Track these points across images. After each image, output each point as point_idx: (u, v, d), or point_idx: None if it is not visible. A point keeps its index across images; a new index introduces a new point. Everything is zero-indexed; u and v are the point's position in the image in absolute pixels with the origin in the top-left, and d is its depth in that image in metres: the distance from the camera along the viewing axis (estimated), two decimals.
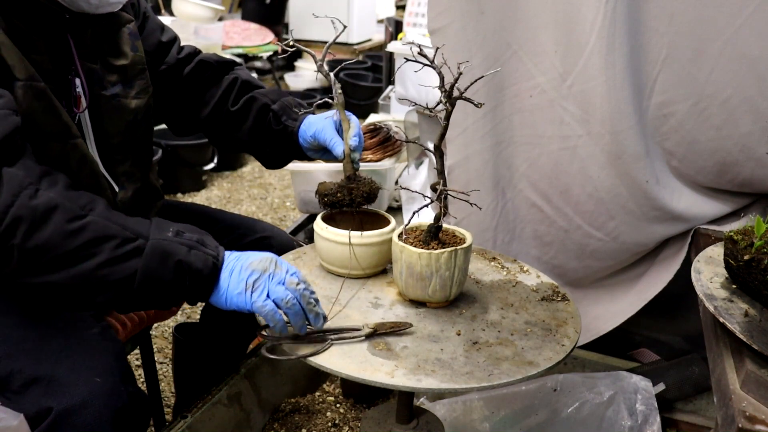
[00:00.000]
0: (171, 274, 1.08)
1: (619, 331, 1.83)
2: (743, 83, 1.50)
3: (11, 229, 1.01)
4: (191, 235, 1.13)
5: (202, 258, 1.10)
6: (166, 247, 1.08)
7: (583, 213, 1.71)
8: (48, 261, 1.04)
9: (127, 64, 1.38)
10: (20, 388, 1.12)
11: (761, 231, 1.11)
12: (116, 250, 1.06)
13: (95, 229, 1.05)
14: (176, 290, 1.10)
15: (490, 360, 1.10)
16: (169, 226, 1.13)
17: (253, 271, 1.11)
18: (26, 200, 1.02)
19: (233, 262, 1.13)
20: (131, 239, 1.07)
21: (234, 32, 5.12)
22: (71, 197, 1.07)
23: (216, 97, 1.55)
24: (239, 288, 1.11)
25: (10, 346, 1.15)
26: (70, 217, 1.04)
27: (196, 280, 1.10)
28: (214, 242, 1.16)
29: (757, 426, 0.93)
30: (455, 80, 1.17)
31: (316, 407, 1.96)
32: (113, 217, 1.09)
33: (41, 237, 1.02)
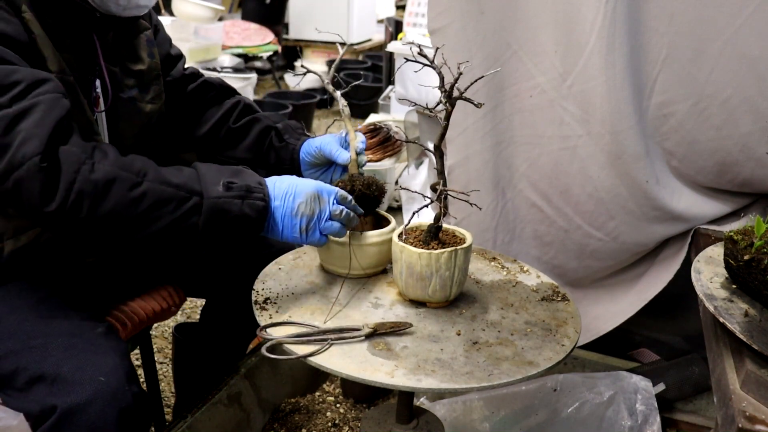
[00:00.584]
0: (229, 225, 1.16)
1: (619, 331, 1.83)
2: (743, 83, 1.50)
3: (77, 204, 1.06)
4: (240, 183, 1.17)
5: (254, 207, 1.17)
6: (222, 205, 1.14)
7: (583, 213, 1.71)
8: (116, 228, 1.10)
9: (144, 69, 1.41)
10: (24, 386, 1.12)
11: (761, 231, 1.11)
12: (176, 212, 1.12)
13: (153, 194, 1.11)
14: (233, 236, 1.18)
15: (490, 360, 1.10)
16: (218, 177, 1.17)
17: (302, 217, 1.19)
18: (87, 175, 1.07)
19: (282, 204, 1.20)
20: (186, 198, 1.13)
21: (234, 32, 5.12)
22: (125, 165, 1.11)
23: (215, 117, 1.57)
24: (295, 232, 1.20)
25: (15, 343, 1.16)
26: (128, 186, 1.10)
27: (250, 225, 1.18)
28: (255, 179, 1.21)
29: (757, 426, 0.93)
30: (455, 80, 1.17)
31: (316, 407, 1.96)
32: (165, 177, 1.14)
33: (105, 208, 1.08)
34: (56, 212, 1.06)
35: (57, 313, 1.23)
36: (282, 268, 1.37)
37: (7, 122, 1.05)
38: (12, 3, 1.16)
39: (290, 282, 1.32)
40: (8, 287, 1.26)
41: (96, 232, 1.10)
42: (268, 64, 5.42)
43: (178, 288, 1.59)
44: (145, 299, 1.51)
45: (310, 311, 1.21)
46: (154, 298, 1.53)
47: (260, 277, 1.33)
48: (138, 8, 1.29)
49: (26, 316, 1.21)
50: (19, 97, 1.07)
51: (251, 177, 1.20)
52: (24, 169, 1.03)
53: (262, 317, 1.19)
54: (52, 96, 1.10)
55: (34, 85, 1.09)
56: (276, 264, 1.39)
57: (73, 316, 1.24)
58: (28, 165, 1.03)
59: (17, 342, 1.16)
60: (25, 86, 1.08)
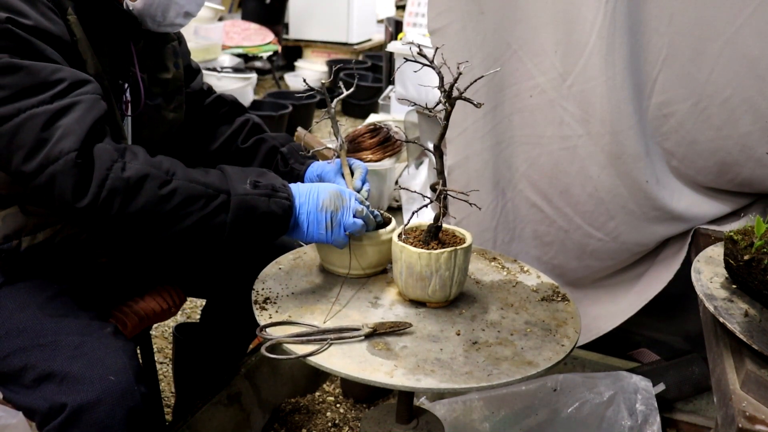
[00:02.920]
0: (256, 223, 1.19)
1: (619, 331, 1.83)
2: (743, 83, 1.50)
3: (108, 201, 1.08)
4: (265, 182, 1.21)
5: (280, 204, 1.20)
6: (249, 201, 1.17)
7: (583, 213, 1.71)
8: (146, 225, 1.12)
9: (169, 79, 1.44)
10: (33, 383, 1.13)
11: (761, 231, 1.11)
12: (204, 209, 1.14)
13: (182, 192, 1.13)
14: (260, 235, 1.21)
15: (490, 360, 1.10)
16: (243, 176, 1.20)
17: (327, 212, 1.22)
18: (119, 173, 1.09)
19: (306, 201, 1.23)
20: (214, 196, 1.15)
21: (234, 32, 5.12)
22: (155, 164, 1.14)
23: (226, 134, 1.58)
24: (320, 229, 1.23)
25: (24, 340, 1.17)
26: (159, 183, 1.12)
27: (277, 223, 1.21)
28: (279, 180, 1.24)
29: (757, 426, 0.93)
30: (455, 80, 1.17)
31: (316, 407, 1.96)
32: (193, 176, 1.16)
33: (136, 205, 1.10)
34: (87, 208, 1.08)
35: (66, 311, 1.24)
36: (282, 268, 1.37)
37: (47, 118, 1.08)
38: (59, 4, 1.19)
39: (290, 282, 1.32)
40: (18, 285, 1.27)
41: (126, 229, 1.12)
42: (268, 64, 5.42)
43: (178, 288, 1.59)
44: (146, 299, 1.51)
45: (309, 311, 1.21)
46: (154, 298, 1.53)
47: (260, 277, 1.33)
48: (173, 26, 1.35)
49: (35, 314, 1.22)
50: (60, 95, 1.10)
51: (275, 178, 1.24)
52: (60, 164, 1.06)
53: (262, 317, 1.19)
54: (92, 97, 1.13)
55: (76, 85, 1.12)
56: (276, 264, 1.39)
57: (82, 316, 1.25)
58: (64, 160, 1.06)
59: (26, 339, 1.17)
60: (67, 85, 1.11)
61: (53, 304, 1.25)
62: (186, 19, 1.35)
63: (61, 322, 1.21)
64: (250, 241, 1.22)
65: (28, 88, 1.09)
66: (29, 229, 1.27)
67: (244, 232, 1.19)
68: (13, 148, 1.08)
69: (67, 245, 1.31)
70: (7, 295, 1.25)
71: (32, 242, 1.27)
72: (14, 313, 1.22)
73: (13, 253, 1.26)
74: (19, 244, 1.26)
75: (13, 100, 1.08)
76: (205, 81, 1.65)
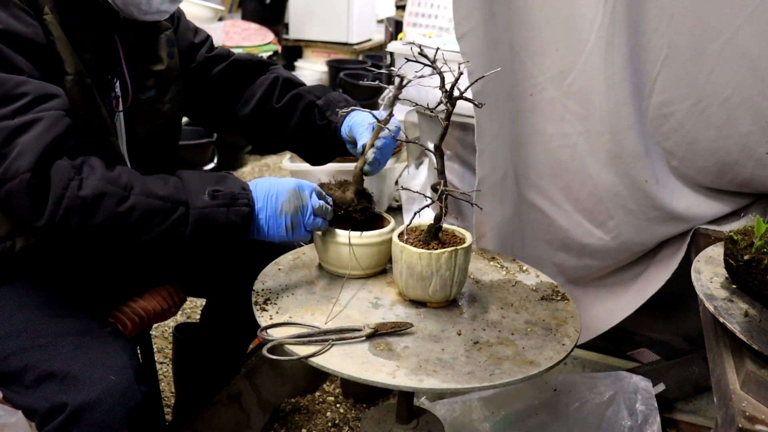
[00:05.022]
0: (215, 233, 1.19)
1: (619, 331, 1.83)
2: (743, 83, 1.50)
3: (65, 219, 1.08)
4: (224, 191, 1.19)
5: (239, 213, 1.19)
6: (208, 215, 1.17)
7: (583, 211, 1.71)
8: (106, 240, 1.13)
9: (163, 70, 1.41)
10: (33, 383, 1.13)
11: (761, 231, 1.11)
12: (163, 224, 1.14)
13: (141, 208, 1.13)
14: (221, 243, 1.21)
15: (492, 360, 1.10)
16: (202, 186, 1.19)
17: (287, 216, 1.22)
18: (75, 191, 1.08)
19: (265, 207, 1.22)
20: (173, 209, 1.15)
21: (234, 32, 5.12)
22: (112, 180, 1.13)
23: (257, 95, 1.55)
24: (281, 232, 1.22)
25: (24, 341, 1.17)
26: (116, 200, 1.11)
27: (237, 232, 1.20)
28: (239, 185, 1.23)
29: (757, 426, 0.93)
30: (455, 80, 1.17)
31: (316, 407, 1.96)
32: (151, 190, 1.15)
33: (94, 223, 1.10)
34: (45, 227, 1.08)
35: (65, 311, 1.24)
36: (282, 269, 1.37)
37: (7, 134, 1.07)
38: (34, 5, 1.17)
39: (290, 282, 1.32)
40: (15, 285, 1.27)
41: (86, 244, 1.13)
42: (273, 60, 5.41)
43: (178, 288, 1.59)
44: (146, 299, 1.51)
45: (310, 312, 1.21)
46: (154, 298, 1.53)
47: (260, 278, 1.33)
48: (159, 13, 1.30)
49: (34, 314, 1.22)
50: (22, 110, 1.08)
51: (235, 183, 1.23)
52: (15, 183, 1.06)
53: (263, 318, 1.19)
54: (56, 113, 1.11)
55: (39, 100, 1.10)
56: (275, 264, 1.39)
57: (81, 315, 1.25)
58: (19, 179, 1.06)
59: (26, 340, 1.17)
60: (30, 99, 1.09)
61: (52, 304, 1.25)
62: (173, 5, 1.31)
63: (60, 322, 1.21)
64: (212, 249, 1.22)
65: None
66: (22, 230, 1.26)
67: (205, 243, 1.19)
68: None
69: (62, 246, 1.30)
70: (6, 295, 1.25)
71: (26, 243, 1.27)
72: (13, 314, 1.22)
73: (7, 254, 1.26)
74: (13, 245, 1.26)
75: None
76: (218, 46, 1.59)
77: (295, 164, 3.00)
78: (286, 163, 3.08)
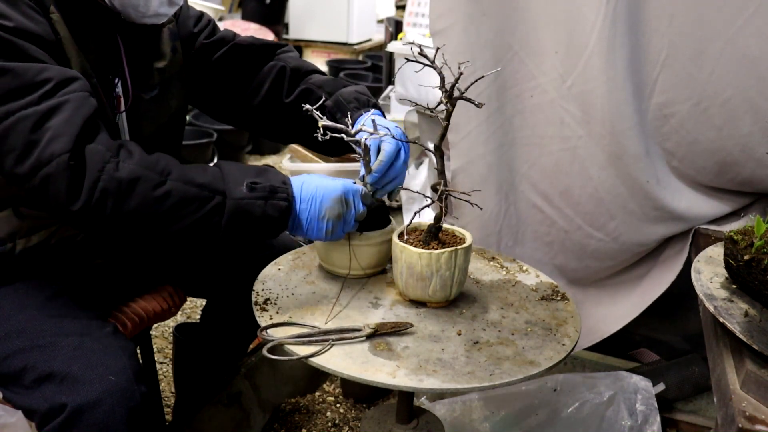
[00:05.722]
0: (251, 226, 1.17)
1: (619, 331, 1.82)
2: (744, 83, 1.50)
3: (101, 202, 1.08)
4: (263, 183, 1.18)
5: (276, 207, 1.18)
6: (244, 206, 1.15)
7: (583, 213, 1.71)
8: (139, 226, 1.12)
9: (166, 66, 1.40)
10: (32, 384, 1.13)
11: (761, 231, 1.11)
12: (198, 212, 1.13)
13: (177, 194, 1.12)
14: (256, 235, 1.20)
15: (492, 360, 1.10)
16: (241, 177, 1.18)
17: (329, 221, 1.21)
18: (111, 173, 1.08)
19: (308, 208, 1.20)
20: (209, 198, 1.14)
21: None
22: (149, 165, 1.12)
23: (266, 85, 1.50)
24: (320, 234, 1.22)
25: (24, 341, 1.17)
26: (152, 185, 1.10)
27: (272, 226, 1.19)
28: (280, 179, 1.21)
29: (757, 426, 0.93)
30: (455, 80, 1.17)
31: (316, 407, 1.96)
32: (189, 177, 1.14)
33: (129, 206, 1.09)
34: (81, 210, 1.07)
35: (65, 312, 1.24)
36: (281, 269, 1.37)
37: (36, 119, 1.07)
38: (41, 3, 1.17)
39: (290, 282, 1.32)
40: (16, 286, 1.27)
41: (120, 230, 1.12)
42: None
43: (178, 288, 1.59)
44: (146, 299, 1.51)
45: (310, 312, 1.21)
46: (154, 299, 1.53)
47: (260, 278, 1.33)
48: (157, 17, 1.29)
49: (34, 315, 1.22)
50: (48, 95, 1.09)
51: (275, 176, 1.21)
52: (52, 166, 1.05)
53: (263, 318, 1.19)
54: (81, 94, 1.12)
55: (63, 84, 1.11)
56: (275, 265, 1.39)
57: (81, 316, 1.25)
58: (56, 162, 1.05)
59: (26, 340, 1.17)
60: (54, 84, 1.10)
61: (52, 304, 1.25)
62: (171, 8, 1.29)
63: (60, 323, 1.21)
64: (246, 241, 1.22)
65: (14, 90, 1.07)
66: (23, 232, 1.26)
67: (239, 235, 1.18)
68: (4, 150, 1.08)
69: (63, 247, 1.30)
70: (6, 296, 1.25)
71: (27, 245, 1.27)
72: (13, 315, 1.22)
73: (8, 255, 1.26)
74: (13, 247, 1.26)
75: (2, 103, 1.07)
76: (222, 30, 1.55)
77: (295, 164, 3.00)
78: (286, 163, 3.08)
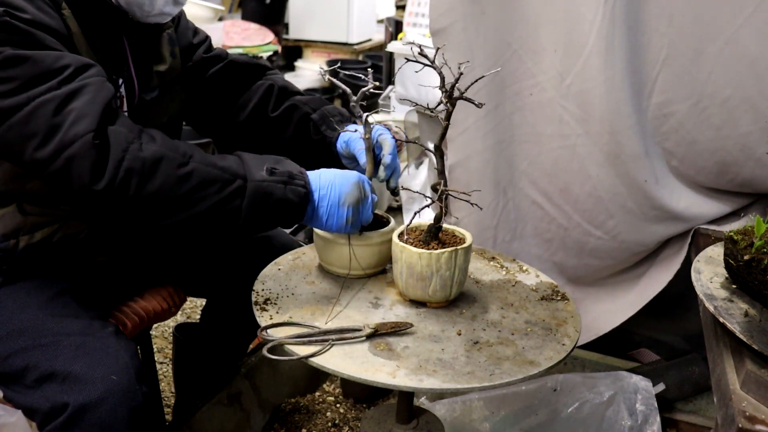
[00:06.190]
0: (272, 209, 1.19)
1: (619, 331, 1.83)
2: (743, 83, 1.50)
3: (125, 181, 1.08)
4: (282, 170, 1.21)
5: (296, 192, 1.20)
6: (265, 188, 1.17)
7: (582, 211, 1.72)
8: (161, 207, 1.12)
9: (166, 70, 1.42)
10: (34, 383, 1.13)
11: (761, 231, 1.11)
12: (220, 193, 1.14)
13: (199, 175, 1.14)
14: (275, 222, 1.22)
15: (491, 360, 1.10)
16: (260, 163, 1.20)
17: (349, 207, 1.23)
18: (135, 153, 1.09)
19: (327, 195, 1.23)
20: (230, 181, 1.16)
21: (234, 32, 5.12)
22: (172, 147, 1.14)
23: (253, 101, 1.55)
24: (340, 222, 1.23)
25: (26, 341, 1.17)
26: (176, 164, 1.12)
27: (292, 211, 1.21)
28: (297, 168, 1.24)
29: (757, 426, 0.94)
30: (456, 80, 1.17)
31: (316, 407, 1.96)
32: (210, 160, 1.17)
33: (153, 186, 1.10)
34: (105, 190, 1.07)
35: (67, 311, 1.24)
36: (281, 269, 1.37)
37: (57, 103, 1.08)
38: None
39: (290, 282, 1.32)
40: (18, 285, 1.27)
41: (142, 211, 1.12)
42: (269, 64, 5.41)
43: (178, 288, 1.59)
44: (146, 299, 1.51)
45: (310, 312, 1.21)
46: (154, 298, 1.53)
47: (260, 278, 1.33)
48: (161, 15, 1.31)
49: (36, 314, 1.22)
50: (67, 80, 1.10)
51: (292, 165, 1.24)
52: (76, 146, 1.06)
53: (263, 318, 1.19)
54: (99, 79, 1.13)
55: (81, 69, 1.12)
56: (275, 264, 1.39)
57: (83, 316, 1.25)
58: (81, 142, 1.06)
59: (28, 339, 1.18)
60: (72, 70, 1.11)
61: (54, 304, 1.25)
62: (175, 7, 1.32)
63: (62, 322, 1.21)
64: (265, 227, 1.22)
65: (35, 77, 1.09)
66: (27, 229, 1.27)
67: (259, 218, 1.19)
68: (26, 137, 1.08)
69: (65, 245, 1.30)
70: (8, 295, 1.25)
71: (30, 241, 1.27)
72: (15, 314, 1.22)
73: (11, 252, 1.26)
74: (16, 244, 1.26)
75: (22, 90, 1.08)
76: (217, 47, 1.60)
77: None
78: None
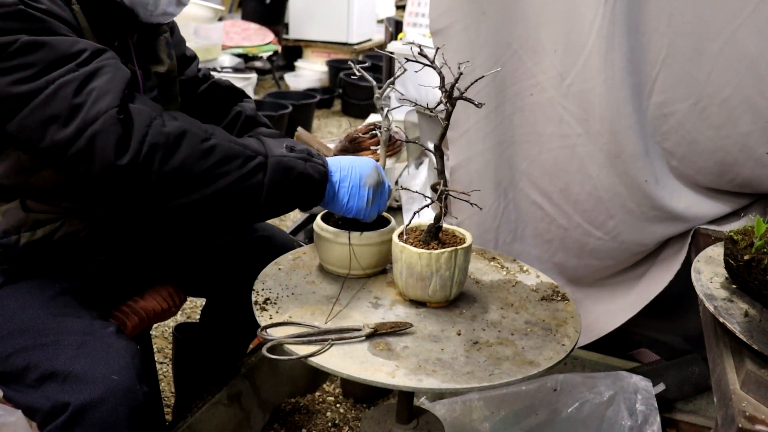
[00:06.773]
0: (293, 185, 1.20)
1: (619, 331, 1.83)
2: (743, 83, 1.50)
3: (150, 156, 1.09)
4: (300, 148, 1.23)
5: (316, 168, 1.22)
6: (286, 162, 1.19)
7: (582, 211, 1.72)
8: (184, 183, 1.12)
9: (163, 72, 1.43)
10: (35, 382, 1.14)
11: (761, 231, 1.11)
12: (243, 168, 1.15)
13: (221, 149, 1.14)
14: (296, 198, 1.22)
15: (491, 360, 1.10)
16: (279, 142, 1.23)
17: (370, 189, 1.26)
18: (159, 128, 1.10)
19: (349, 175, 1.25)
20: (252, 156, 1.16)
21: (234, 32, 5.12)
22: (193, 123, 1.15)
23: (222, 124, 1.57)
24: (361, 203, 1.26)
25: (27, 340, 1.17)
26: (199, 139, 1.13)
27: (313, 187, 1.22)
28: (313, 149, 1.26)
29: (757, 426, 0.93)
30: (455, 80, 1.17)
31: (316, 407, 1.96)
32: (231, 138, 1.18)
33: (177, 160, 1.10)
34: (129, 165, 1.08)
35: (68, 311, 1.24)
36: (282, 269, 1.37)
37: (78, 84, 1.08)
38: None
39: (290, 282, 1.32)
40: (19, 284, 1.27)
41: (165, 187, 1.11)
42: (268, 64, 5.41)
43: (178, 288, 1.59)
44: (146, 299, 1.51)
45: (310, 311, 1.21)
46: (154, 298, 1.53)
47: (260, 278, 1.33)
48: (164, 15, 1.32)
49: (38, 314, 1.22)
50: (85, 63, 1.11)
51: (309, 146, 1.26)
52: (100, 123, 1.06)
53: (263, 318, 1.19)
54: (116, 61, 1.15)
55: (97, 53, 1.13)
56: (275, 264, 1.39)
57: (84, 315, 1.25)
58: (104, 118, 1.06)
59: (29, 339, 1.18)
60: (89, 53, 1.12)
61: (55, 303, 1.25)
62: (178, 8, 1.33)
63: (63, 322, 1.21)
64: (286, 206, 1.23)
65: (53, 62, 1.09)
66: (29, 226, 1.26)
67: (281, 195, 1.19)
68: (47, 120, 1.08)
69: (66, 243, 1.31)
70: (9, 294, 1.25)
71: (31, 238, 1.27)
72: (16, 313, 1.22)
73: (12, 248, 1.26)
74: (18, 240, 1.26)
75: (41, 75, 1.09)
76: (202, 67, 1.63)
77: None
78: None
